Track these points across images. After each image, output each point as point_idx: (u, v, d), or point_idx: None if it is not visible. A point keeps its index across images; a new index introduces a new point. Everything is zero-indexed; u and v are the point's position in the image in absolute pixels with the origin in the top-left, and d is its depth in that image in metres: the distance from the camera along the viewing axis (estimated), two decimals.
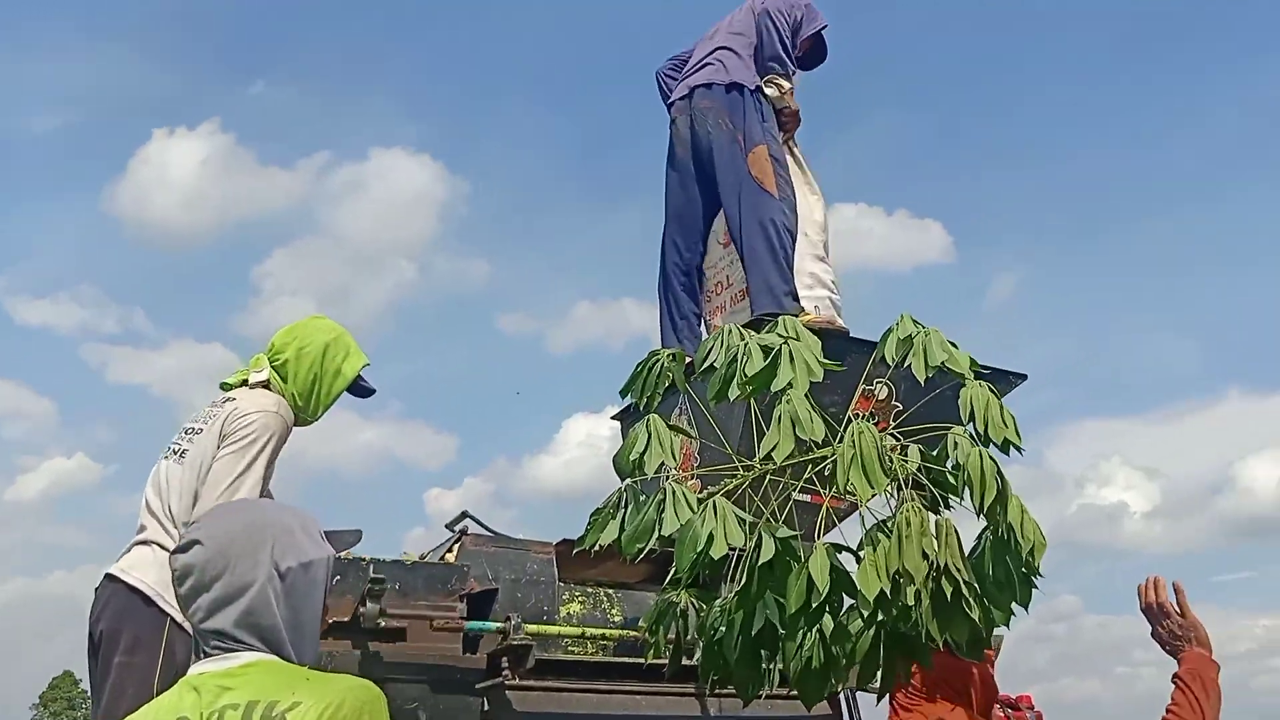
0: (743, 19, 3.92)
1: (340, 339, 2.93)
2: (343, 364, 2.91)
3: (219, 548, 1.48)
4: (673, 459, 2.27)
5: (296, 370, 2.84)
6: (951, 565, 1.99)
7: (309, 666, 1.49)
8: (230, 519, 1.55)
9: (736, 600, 2.11)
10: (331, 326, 2.96)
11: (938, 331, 2.36)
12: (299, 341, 2.88)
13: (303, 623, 1.50)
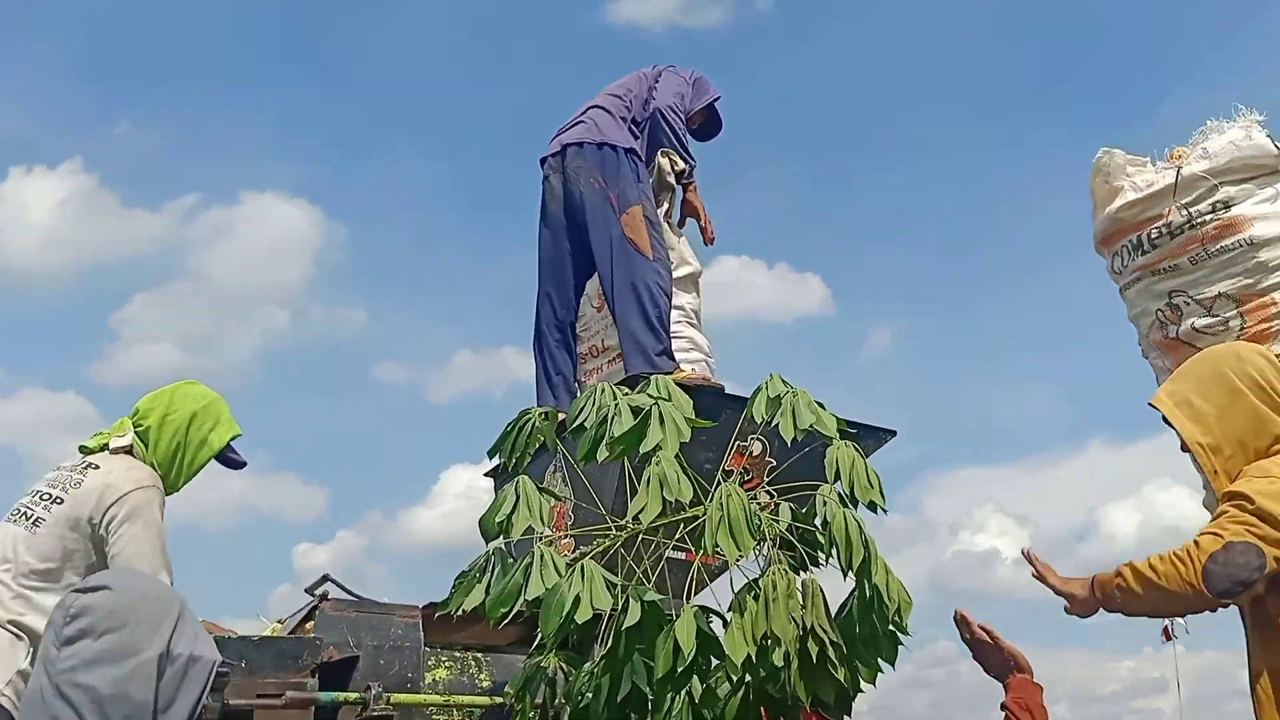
0: (628, 82, 3.93)
1: (210, 408, 2.80)
2: (210, 434, 2.78)
3: (126, 602, 1.39)
4: (541, 522, 2.23)
5: (159, 438, 2.71)
6: (818, 626, 1.99)
7: None
8: (145, 583, 1.49)
9: (603, 665, 2.07)
10: (202, 394, 2.83)
11: (805, 392, 2.39)
12: (165, 408, 2.74)
13: (171, 713, 1.38)
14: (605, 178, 3.58)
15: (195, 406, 2.78)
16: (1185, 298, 2.49)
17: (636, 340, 3.40)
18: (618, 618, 1.98)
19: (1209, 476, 2.16)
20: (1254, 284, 2.39)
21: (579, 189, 3.63)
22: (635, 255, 3.49)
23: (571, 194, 3.66)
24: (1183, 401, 2.22)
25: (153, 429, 2.71)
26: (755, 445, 3.59)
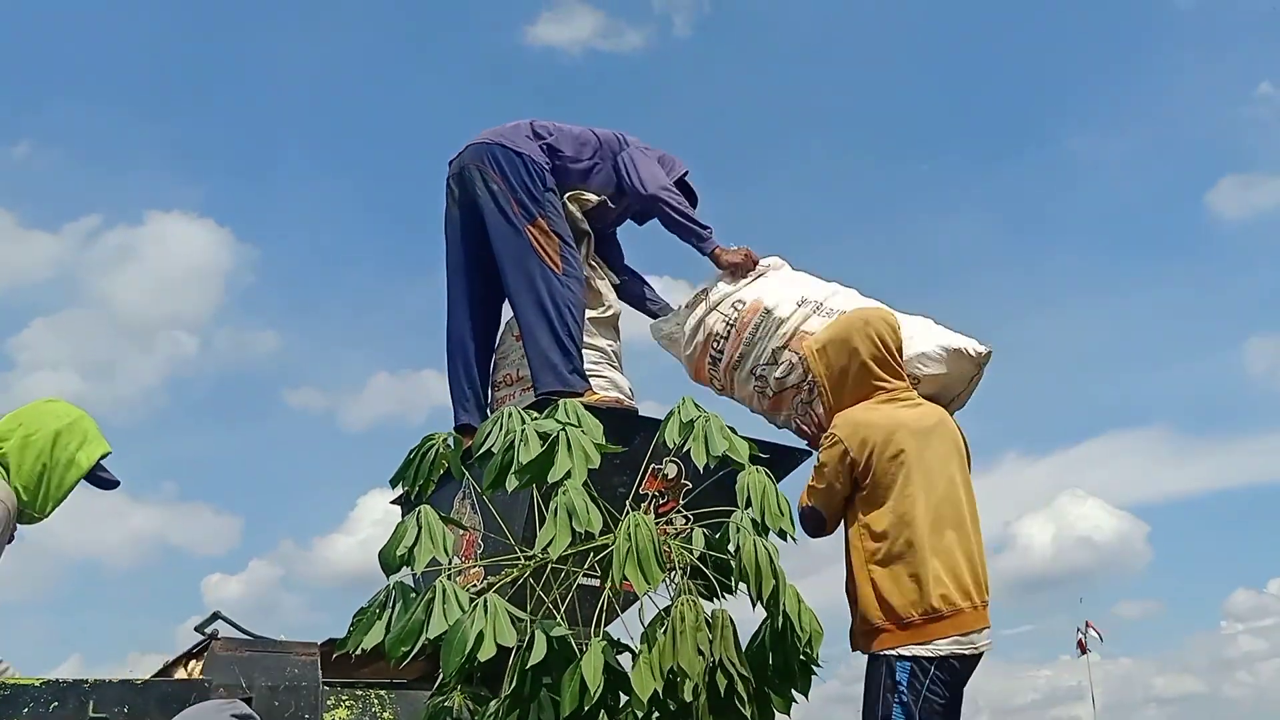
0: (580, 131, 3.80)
1: (75, 425, 2.64)
2: (77, 453, 2.61)
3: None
4: (445, 553, 2.14)
5: (21, 461, 2.54)
6: (726, 660, 1.95)
7: None
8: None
9: (508, 703, 1.99)
10: (65, 411, 2.67)
11: (718, 417, 2.35)
12: (25, 428, 2.57)
13: None
14: (511, 184, 3.43)
15: (58, 425, 2.61)
16: (761, 368, 3.33)
17: (546, 358, 3.29)
18: (523, 654, 1.91)
19: (821, 399, 3.02)
20: (786, 331, 3.26)
21: (478, 193, 3.48)
22: (544, 269, 3.36)
23: (474, 198, 3.50)
24: (820, 349, 2.99)
25: (12, 452, 2.54)
26: (670, 468, 3.53)
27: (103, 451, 2.66)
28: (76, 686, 2.25)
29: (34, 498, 2.54)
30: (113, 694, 2.25)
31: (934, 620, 2.60)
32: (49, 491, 2.56)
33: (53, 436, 2.57)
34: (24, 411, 2.62)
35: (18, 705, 2.19)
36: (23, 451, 2.54)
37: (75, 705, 2.21)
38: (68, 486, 2.60)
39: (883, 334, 2.93)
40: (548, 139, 3.61)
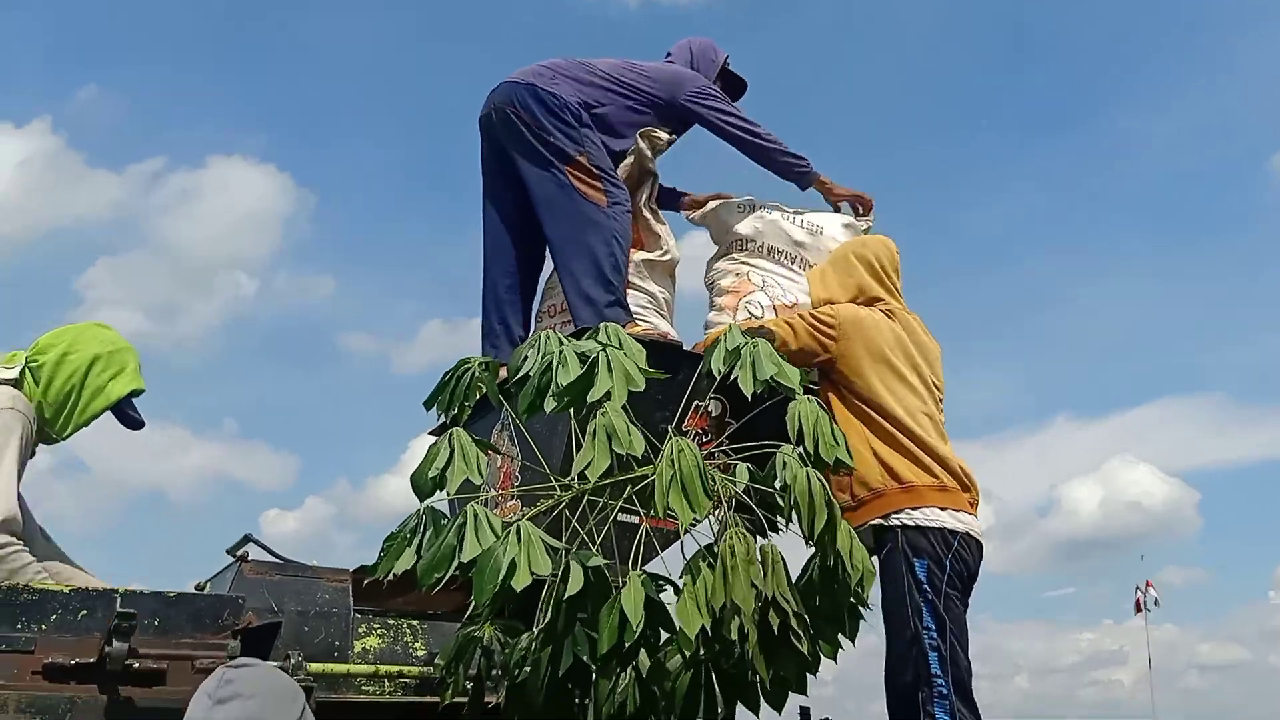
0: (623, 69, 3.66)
1: (116, 355, 2.55)
2: (109, 383, 2.53)
3: (268, 678, 1.70)
4: (477, 476, 2.04)
5: (53, 377, 2.47)
6: (779, 596, 1.83)
7: None
8: (271, 679, 1.73)
9: (542, 637, 1.89)
10: (111, 339, 2.58)
11: (767, 343, 2.22)
12: (65, 346, 2.50)
13: None
14: (543, 122, 3.32)
15: (99, 350, 2.54)
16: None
17: (584, 293, 3.16)
18: (558, 585, 1.81)
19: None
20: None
21: (514, 133, 3.36)
22: (584, 203, 3.25)
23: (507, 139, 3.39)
24: (821, 274, 3.18)
25: (48, 365, 2.48)
26: (714, 405, 3.42)
27: (135, 388, 2.59)
28: (106, 595, 2.19)
29: (55, 417, 2.48)
30: (143, 604, 2.19)
31: (938, 490, 2.70)
32: (71, 415, 2.50)
33: (90, 360, 2.51)
34: (72, 329, 2.56)
35: (46, 611, 2.13)
36: (57, 368, 2.48)
37: (104, 613, 2.15)
38: (91, 414, 2.53)
39: (880, 256, 3.14)
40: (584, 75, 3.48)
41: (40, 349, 2.53)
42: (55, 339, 2.55)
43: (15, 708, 2.01)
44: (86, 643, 2.11)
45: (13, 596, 2.12)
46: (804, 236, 3.47)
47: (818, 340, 2.89)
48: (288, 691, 1.71)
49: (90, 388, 2.51)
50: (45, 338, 2.56)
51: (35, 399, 2.46)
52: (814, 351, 2.89)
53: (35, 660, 2.06)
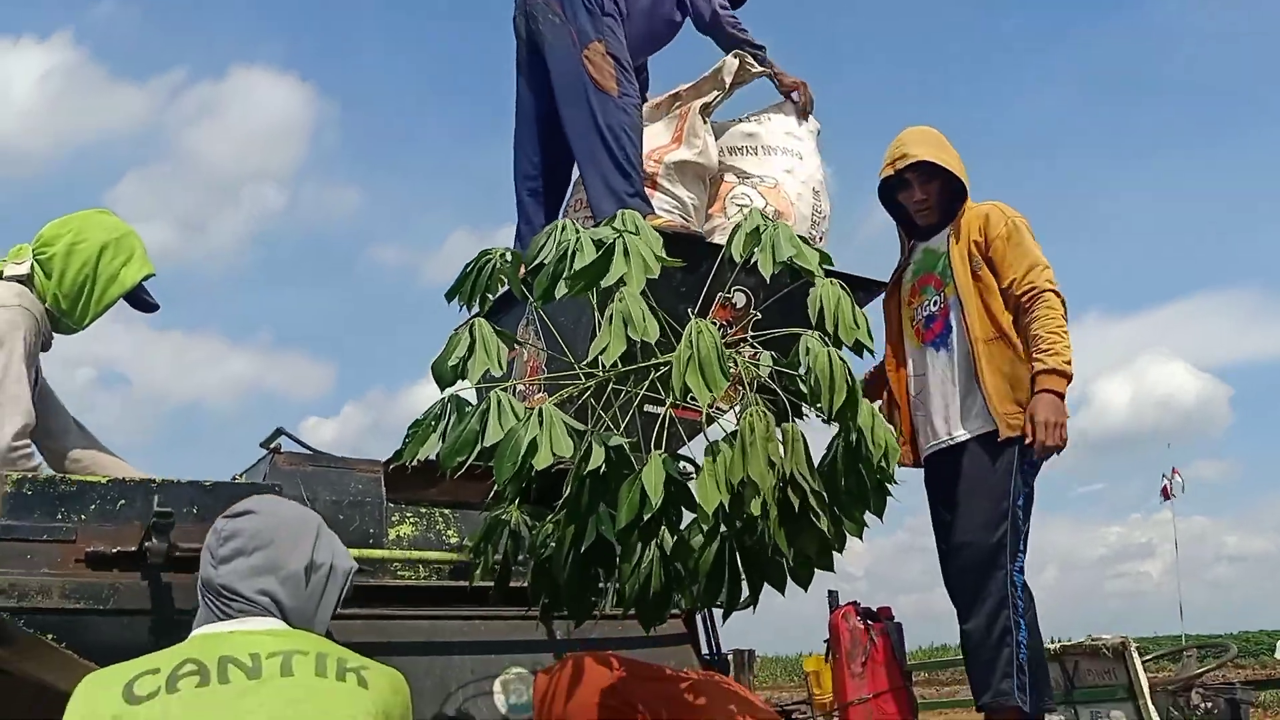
0: None
1: (123, 241, 2.58)
2: (121, 270, 2.56)
3: (273, 523, 1.59)
4: (498, 365, 2.05)
5: (65, 268, 2.50)
6: (798, 474, 1.85)
7: None
8: (287, 506, 1.69)
9: (565, 515, 1.93)
10: (114, 225, 2.61)
11: (787, 226, 2.19)
12: (73, 236, 2.52)
13: (318, 612, 1.60)
14: (565, 12, 3.32)
15: (106, 238, 2.56)
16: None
17: (606, 184, 3.18)
18: (579, 463, 1.83)
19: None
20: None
21: (540, 26, 3.37)
22: (599, 94, 3.24)
23: (534, 32, 3.40)
24: (939, 152, 3.26)
25: (58, 257, 2.50)
26: (738, 297, 3.40)
27: (147, 273, 2.62)
28: (144, 485, 2.26)
29: (73, 308, 2.52)
30: (180, 494, 2.26)
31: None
32: (89, 304, 2.53)
33: (99, 249, 2.53)
34: (73, 219, 2.58)
35: (85, 501, 2.19)
36: (67, 259, 2.50)
37: (142, 503, 2.22)
38: (108, 302, 2.57)
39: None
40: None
41: (45, 241, 2.55)
42: (59, 229, 2.56)
43: (60, 593, 2.09)
44: (126, 531, 2.18)
45: (51, 487, 2.18)
46: (753, 128, 3.67)
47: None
48: (293, 531, 1.60)
49: (104, 276, 2.54)
50: (47, 229, 2.57)
51: (49, 292, 2.49)
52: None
53: (77, 549, 2.14)
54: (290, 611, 1.54)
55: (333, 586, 1.62)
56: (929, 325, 3.30)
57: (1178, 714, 4.37)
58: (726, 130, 3.71)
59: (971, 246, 3.21)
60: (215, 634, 1.48)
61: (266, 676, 1.38)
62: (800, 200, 3.63)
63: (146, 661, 1.41)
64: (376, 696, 1.44)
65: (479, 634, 2.62)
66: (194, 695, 1.34)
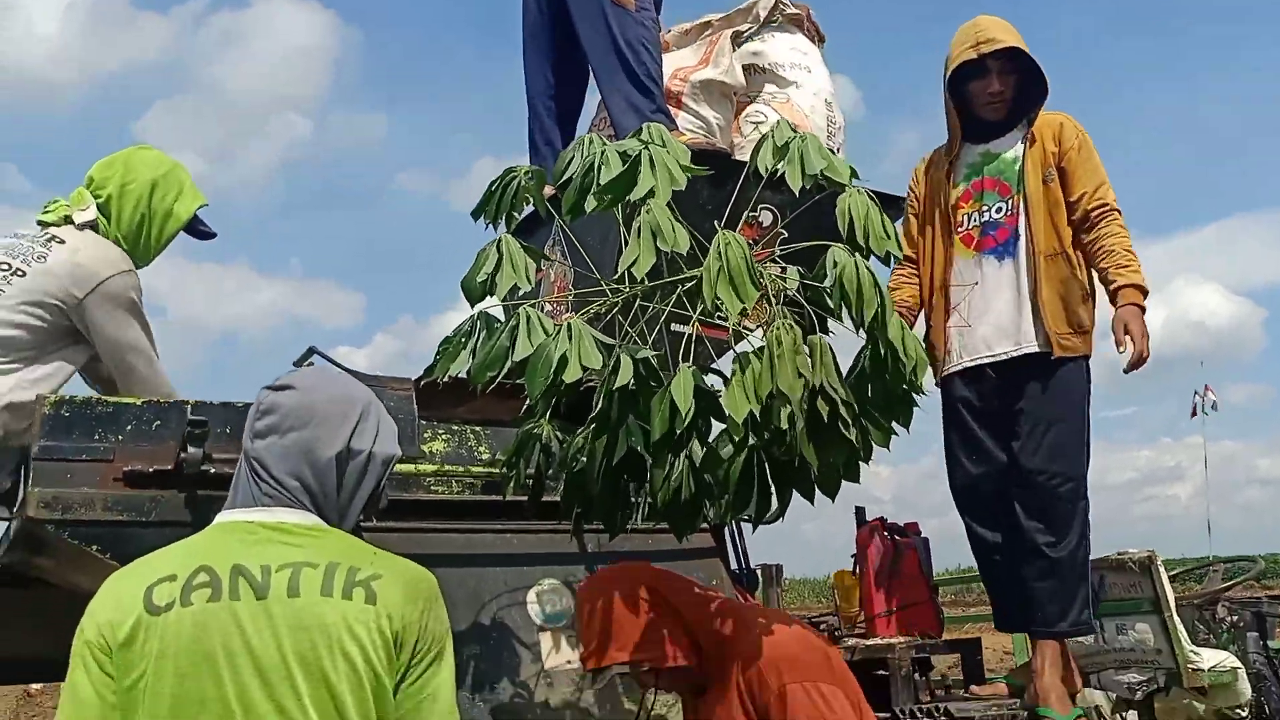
0: None
1: (171, 175, 2.61)
2: (175, 204, 2.60)
3: (310, 402, 1.52)
4: (526, 281, 2.06)
5: (120, 209, 2.53)
6: (827, 384, 1.85)
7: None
8: (330, 384, 1.59)
9: (595, 428, 1.95)
10: (159, 160, 2.63)
11: (815, 137, 2.17)
12: (121, 176, 2.55)
13: (352, 502, 1.54)
14: None
15: (154, 174, 2.59)
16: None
17: (627, 100, 3.15)
18: (608, 376, 1.84)
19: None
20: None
21: None
22: (615, 9, 3.19)
23: None
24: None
25: (113, 199, 2.54)
26: (764, 215, 3.38)
27: (199, 203, 2.65)
28: (177, 406, 2.30)
29: (134, 247, 2.56)
30: (214, 414, 2.29)
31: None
32: (150, 242, 2.58)
33: (150, 186, 2.57)
34: (117, 159, 2.60)
35: (121, 421, 2.24)
36: (122, 200, 2.54)
37: (177, 423, 2.26)
38: (168, 237, 2.62)
39: None
40: None
41: (98, 184, 2.57)
42: (107, 170, 2.59)
43: (102, 506, 2.14)
44: (163, 451, 2.23)
45: (88, 409, 2.23)
46: (758, 46, 3.62)
47: None
48: (332, 413, 1.52)
49: (159, 213, 2.58)
50: (95, 171, 2.60)
51: (112, 235, 2.52)
52: None
53: (115, 468, 2.19)
54: (321, 500, 1.50)
55: (370, 475, 1.55)
56: (988, 232, 3.17)
57: (1203, 628, 4.41)
58: (732, 52, 3.65)
59: (1046, 155, 3.09)
60: (236, 525, 1.47)
61: (273, 597, 1.38)
62: (814, 113, 3.58)
63: (165, 564, 1.42)
64: (384, 610, 1.41)
65: (511, 547, 2.67)
66: (204, 610, 1.37)
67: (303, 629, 1.37)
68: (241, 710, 1.34)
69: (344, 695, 1.36)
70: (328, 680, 1.36)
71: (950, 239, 3.21)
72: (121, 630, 1.36)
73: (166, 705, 1.33)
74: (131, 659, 1.35)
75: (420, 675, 1.43)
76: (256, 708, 1.34)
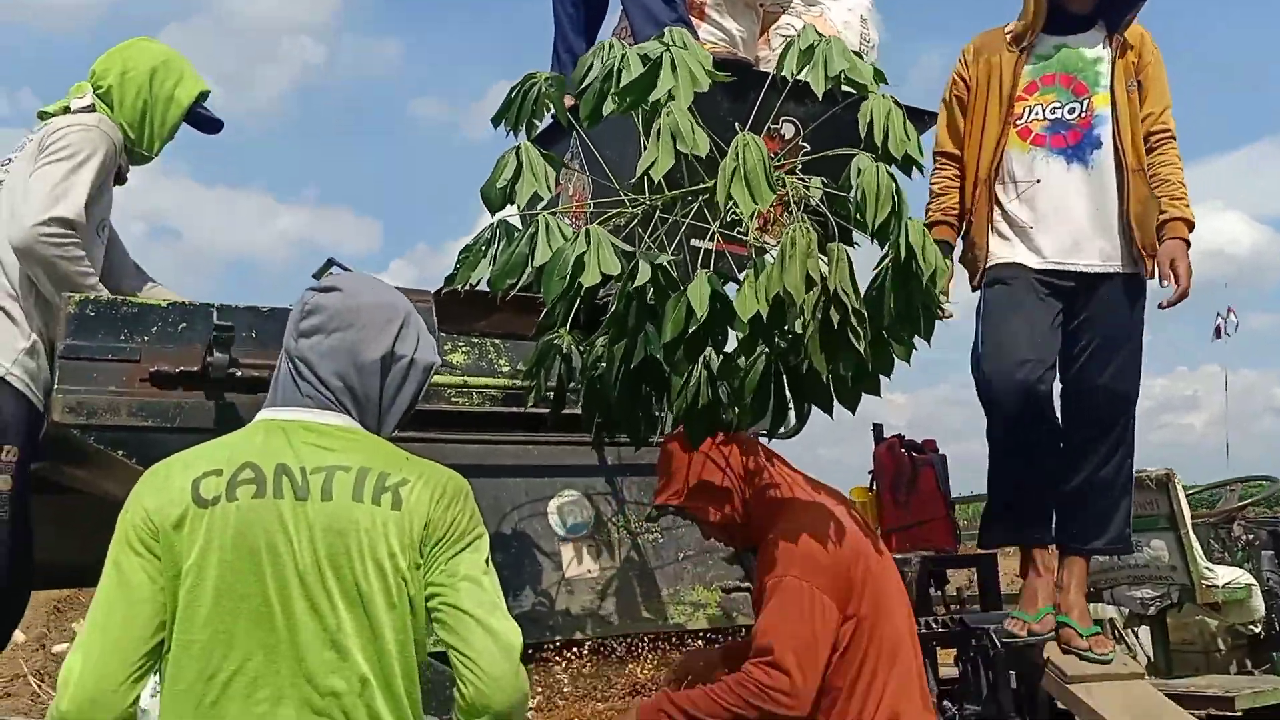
0: None
1: (170, 63, 2.60)
2: (175, 90, 2.60)
3: (355, 305, 1.51)
4: (546, 189, 2.05)
5: (122, 97, 2.53)
6: (840, 291, 1.84)
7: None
8: (376, 288, 1.59)
9: (613, 333, 1.95)
10: (159, 50, 2.63)
11: (840, 40, 2.13)
12: (121, 66, 2.55)
13: (392, 408, 1.54)
14: None
15: (154, 62, 2.59)
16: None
17: (648, 10, 3.09)
18: (626, 280, 1.84)
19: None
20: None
21: None
22: None
23: None
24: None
25: (114, 88, 2.54)
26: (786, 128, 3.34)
27: (200, 89, 2.64)
28: (202, 308, 2.31)
29: (140, 135, 2.57)
30: (239, 318, 2.31)
31: None
32: (153, 129, 2.58)
33: (149, 73, 2.56)
34: (118, 50, 2.60)
35: (147, 323, 2.26)
36: (122, 88, 2.54)
37: (202, 325, 2.28)
38: (171, 124, 2.61)
39: None
40: None
41: (98, 75, 2.59)
42: (107, 62, 2.60)
43: (128, 411, 2.17)
44: (189, 352, 2.25)
45: (113, 309, 2.24)
46: None
47: None
48: (376, 317, 1.52)
49: (160, 99, 2.57)
50: (97, 64, 2.61)
51: (117, 122, 2.52)
52: None
53: (141, 369, 2.21)
54: (362, 403, 1.50)
55: (411, 381, 1.55)
56: (1057, 131, 2.96)
57: (1218, 545, 4.43)
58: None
59: (1129, 64, 2.93)
60: (276, 423, 1.47)
61: (310, 499, 1.39)
62: (847, 28, 3.50)
63: (209, 458, 1.43)
64: (410, 514, 1.41)
65: (532, 458, 2.70)
66: (250, 506, 1.38)
67: (335, 533, 1.38)
68: (280, 607, 1.36)
69: (374, 599, 1.38)
70: (358, 584, 1.37)
71: (1005, 130, 2.99)
72: (170, 518, 1.37)
73: (209, 597, 1.35)
74: (180, 548, 1.36)
75: (448, 560, 1.43)
76: (293, 605, 1.36)
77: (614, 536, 2.70)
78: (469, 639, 1.39)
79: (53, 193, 2.30)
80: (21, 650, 7.01)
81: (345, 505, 1.39)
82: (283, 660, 1.35)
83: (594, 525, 2.71)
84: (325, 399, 1.47)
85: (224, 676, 1.34)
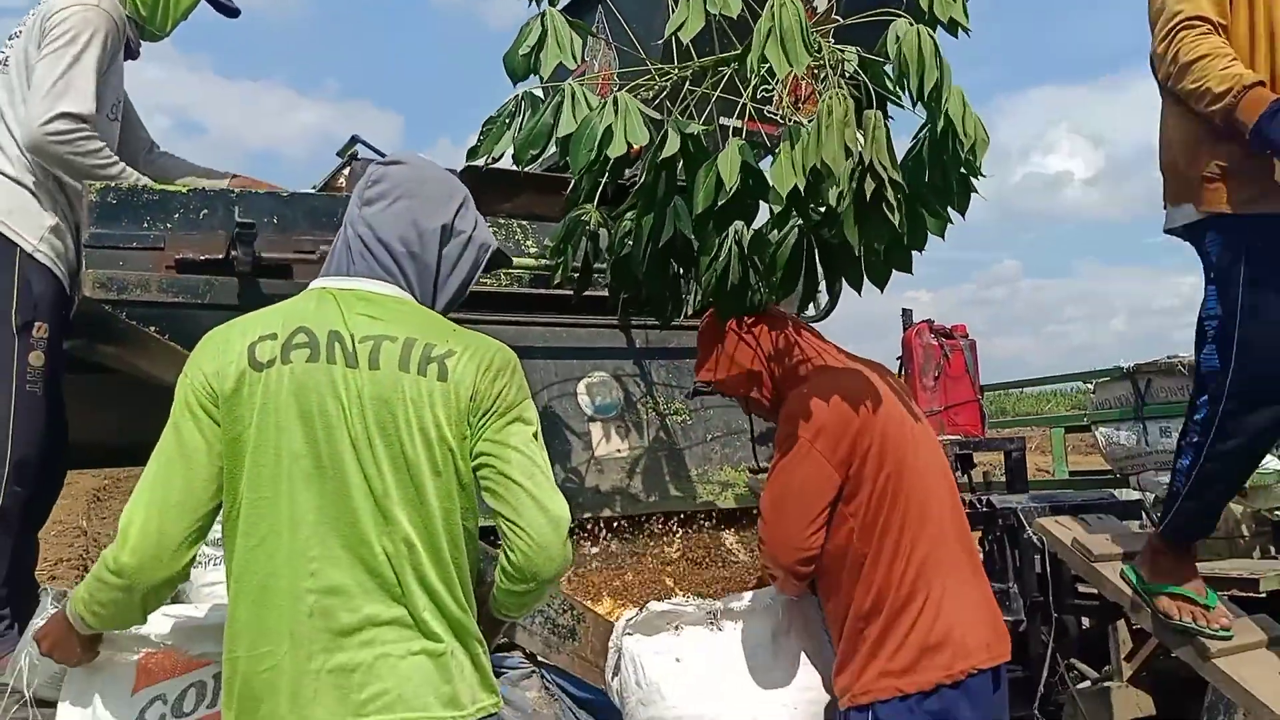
0: None
1: None
2: None
3: (420, 175, 1.57)
4: (571, 58, 1.98)
5: None
6: (877, 161, 1.78)
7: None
8: (435, 167, 1.63)
9: (641, 205, 1.91)
10: None
11: None
12: None
13: (447, 282, 1.56)
14: None
15: None
16: None
17: None
18: (655, 151, 1.79)
19: None
20: None
21: None
22: None
23: None
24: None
25: None
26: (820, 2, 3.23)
27: None
28: (223, 195, 2.29)
29: (153, 14, 2.51)
30: (261, 204, 2.29)
31: None
32: (167, 8, 2.51)
33: None
34: None
35: (168, 209, 2.24)
36: None
37: (224, 213, 2.26)
38: (186, 5, 2.54)
39: None
40: None
41: None
42: None
43: (158, 288, 2.17)
44: (212, 240, 2.24)
45: (134, 196, 2.22)
46: None
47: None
48: (439, 190, 1.57)
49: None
50: None
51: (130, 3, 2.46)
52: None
53: (166, 256, 2.20)
54: (419, 271, 1.52)
55: (467, 258, 1.58)
56: None
57: None
58: None
59: None
60: (329, 291, 1.48)
61: (360, 367, 1.41)
62: None
63: (264, 323, 1.45)
64: (454, 386, 1.43)
65: (561, 340, 2.69)
66: (304, 369, 1.41)
67: (382, 401, 1.40)
68: (332, 469, 1.39)
69: (420, 466, 1.40)
70: (404, 451, 1.40)
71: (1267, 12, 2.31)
72: (228, 381, 1.40)
73: (270, 457, 1.39)
74: (239, 410, 1.39)
75: (498, 431, 1.45)
76: (344, 468, 1.39)
77: (643, 417, 2.71)
78: (519, 509, 1.43)
79: (56, 87, 2.25)
80: (64, 536, 7.22)
81: (392, 374, 1.42)
82: (333, 521, 1.38)
83: (623, 406, 2.71)
84: (383, 268, 1.49)
85: (282, 533, 1.38)
